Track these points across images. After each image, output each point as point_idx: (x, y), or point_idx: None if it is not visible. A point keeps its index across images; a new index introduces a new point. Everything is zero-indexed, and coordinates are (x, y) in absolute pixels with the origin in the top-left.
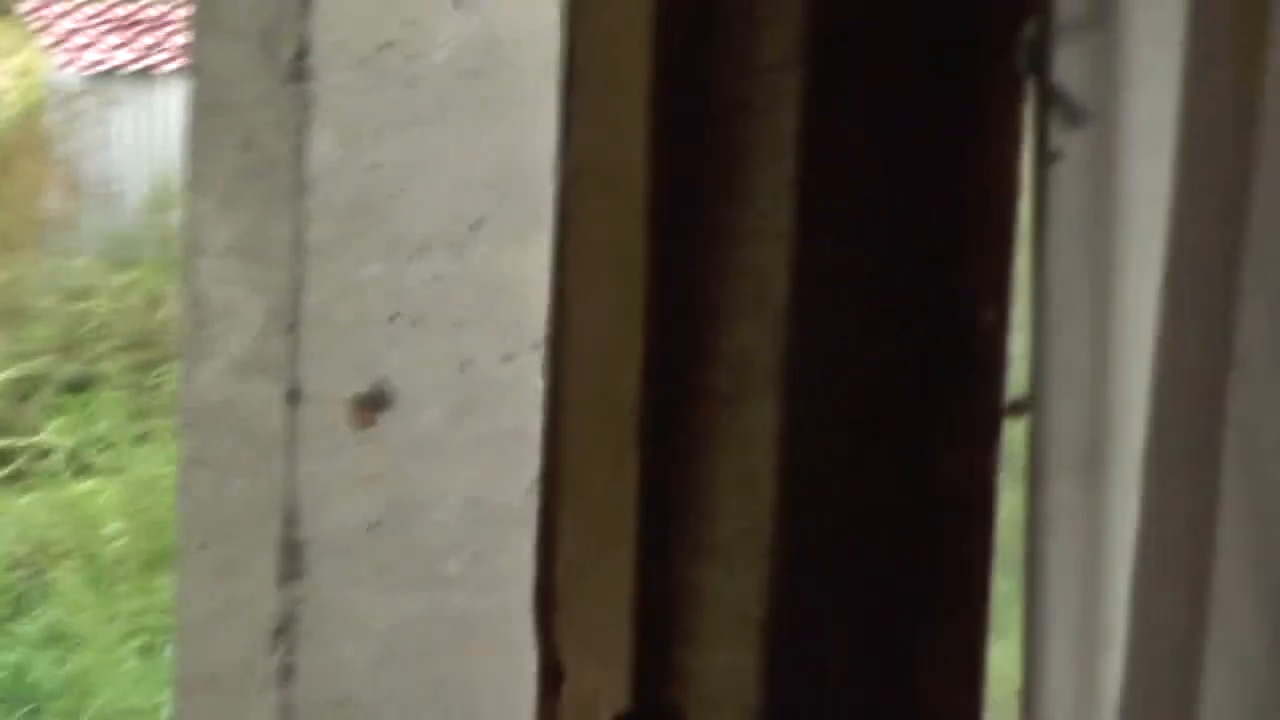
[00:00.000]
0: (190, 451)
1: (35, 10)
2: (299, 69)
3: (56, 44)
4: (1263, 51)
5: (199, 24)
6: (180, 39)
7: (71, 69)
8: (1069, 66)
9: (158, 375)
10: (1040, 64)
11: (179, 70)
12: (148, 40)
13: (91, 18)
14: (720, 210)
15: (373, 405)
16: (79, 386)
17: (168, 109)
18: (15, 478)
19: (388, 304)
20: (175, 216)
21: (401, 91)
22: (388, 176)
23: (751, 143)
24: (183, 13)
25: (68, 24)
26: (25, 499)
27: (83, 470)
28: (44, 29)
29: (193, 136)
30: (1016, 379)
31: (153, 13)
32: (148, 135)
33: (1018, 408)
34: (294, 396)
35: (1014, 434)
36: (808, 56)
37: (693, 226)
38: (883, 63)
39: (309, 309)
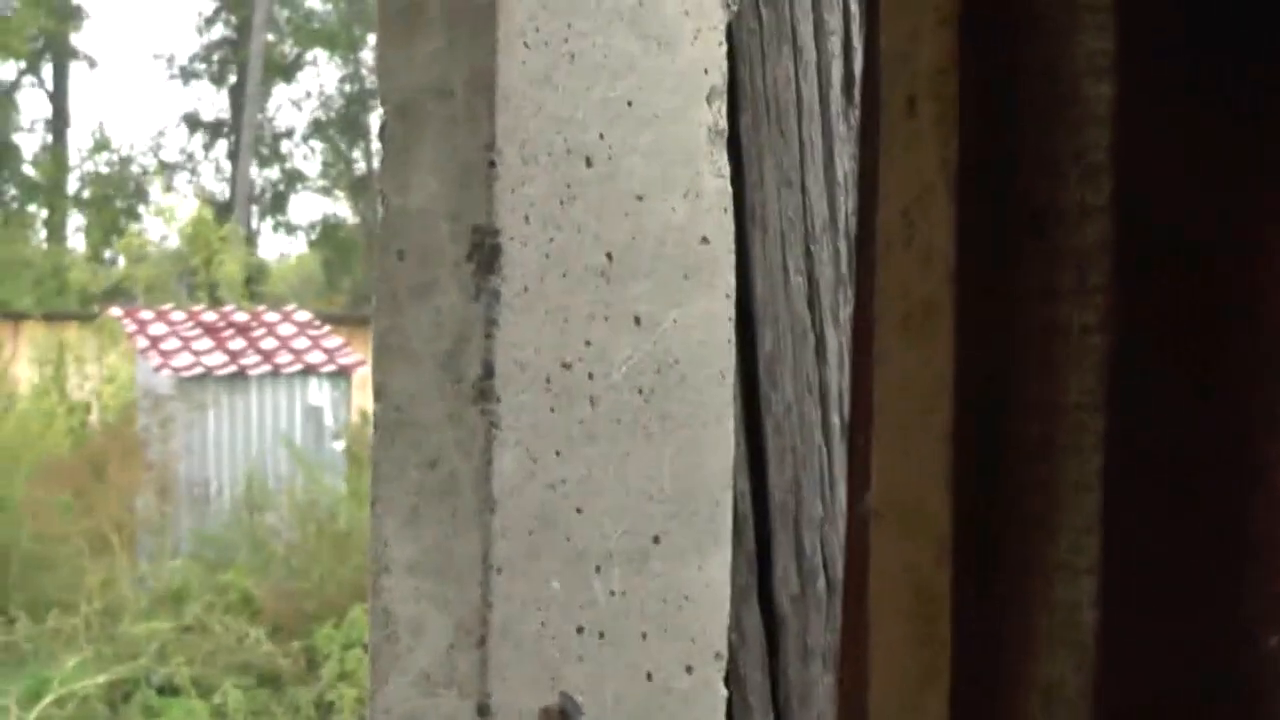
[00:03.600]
0: None
1: (126, 315)
2: (483, 389)
3: (147, 348)
4: None
5: (381, 347)
6: (267, 343)
7: (162, 372)
8: None
9: (261, 677)
10: None
11: (266, 373)
12: (236, 344)
13: (181, 322)
14: (1027, 544)
15: (560, 718)
16: (176, 689)
17: (256, 410)
18: None
19: (572, 618)
20: (267, 518)
21: (582, 410)
22: (569, 493)
23: (1059, 481)
24: (270, 318)
25: (158, 328)
26: None
27: None
28: (135, 333)
29: (378, 457)
30: None
31: (240, 318)
32: (238, 437)
33: None
34: (483, 710)
35: None
36: (1111, 400)
37: (996, 561)
38: (1181, 402)
39: (496, 624)
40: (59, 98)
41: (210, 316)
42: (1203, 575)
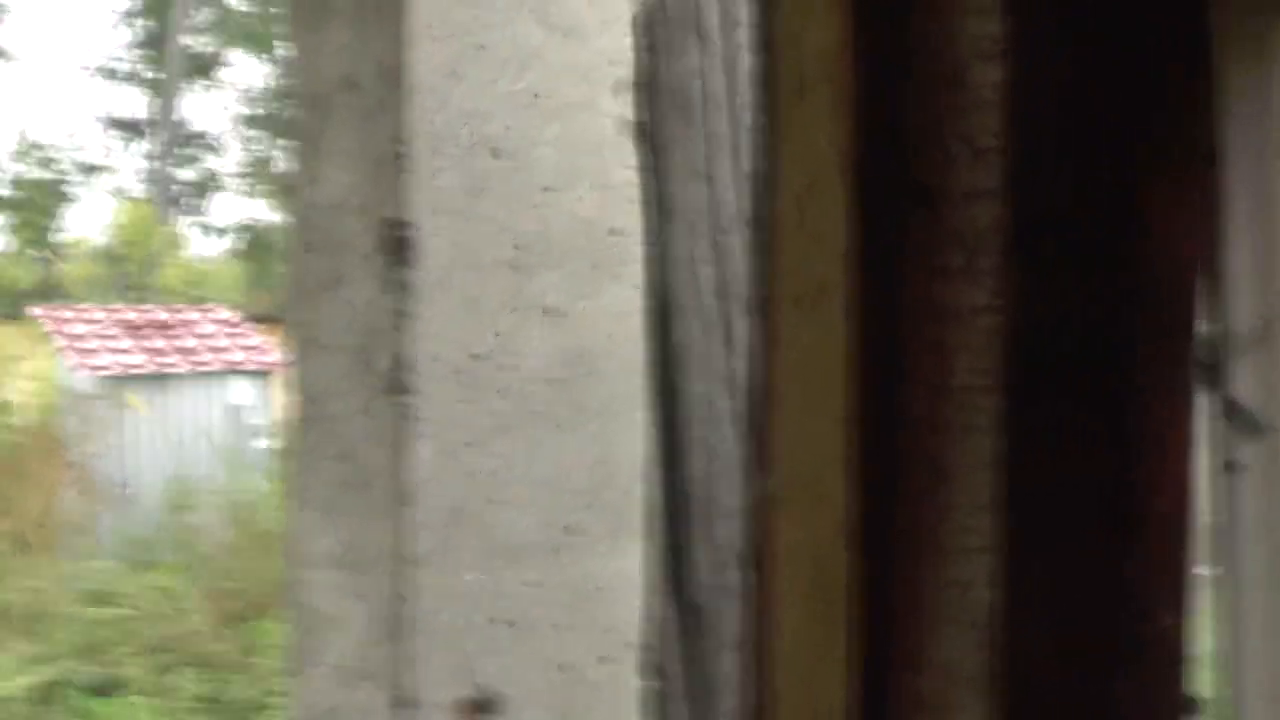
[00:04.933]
0: None
1: (46, 315)
2: (396, 381)
3: (68, 348)
4: None
5: (297, 340)
6: (189, 342)
7: (83, 372)
8: (1242, 380)
9: (186, 677)
10: (1215, 377)
11: (187, 372)
12: (158, 344)
13: (102, 322)
14: (922, 524)
15: (476, 709)
16: (101, 690)
17: (178, 410)
18: None
19: (486, 610)
20: (190, 518)
21: (493, 401)
22: (482, 485)
23: (951, 461)
24: (189, 316)
25: (79, 328)
26: None
27: None
28: (55, 334)
29: (294, 449)
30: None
31: (162, 316)
32: (160, 436)
33: (1194, 704)
34: (400, 702)
35: None
36: (1002, 379)
37: (893, 541)
38: (1071, 380)
39: (411, 617)
40: None
41: (130, 315)
42: (1100, 555)
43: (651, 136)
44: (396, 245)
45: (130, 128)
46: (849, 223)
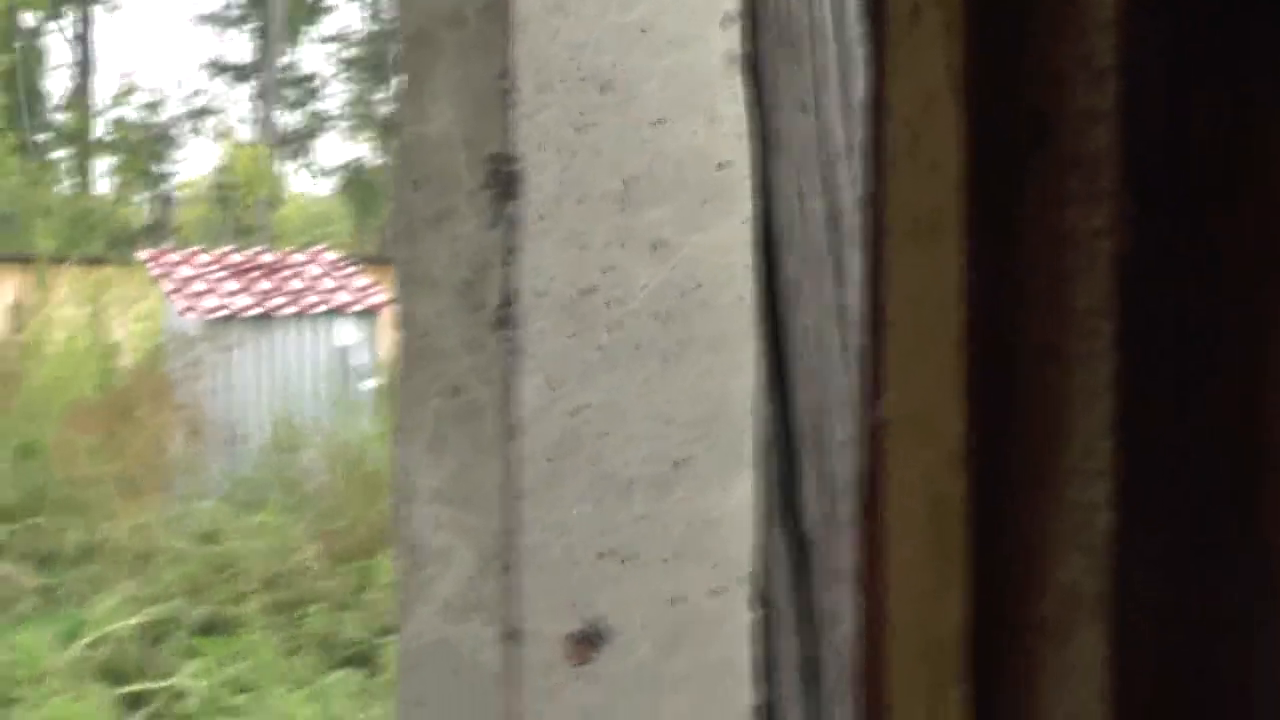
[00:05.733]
0: (409, 692)
1: (153, 258)
2: (504, 316)
3: (175, 291)
4: None
5: (403, 276)
6: (296, 284)
7: (190, 315)
8: None
9: (295, 617)
10: None
11: (293, 314)
12: (264, 285)
13: (208, 264)
14: (1039, 449)
15: (588, 642)
16: (210, 629)
17: (286, 351)
18: None
19: (597, 543)
20: (298, 458)
21: (601, 336)
22: (591, 419)
23: (1069, 386)
24: (296, 258)
25: (185, 271)
26: None
27: (221, 712)
28: (162, 277)
29: (400, 385)
30: None
31: (268, 258)
32: (267, 378)
33: None
34: (510, 636)
35: None
36: (1121, 304)
37: (1010, 466)
38: (1189, 302)
39: (521, 550)
40: (82, 42)
41: (237, 258)
42: (1216, 479)
43: (758, 69)
44: (503, 180)
45: (237, 71)
46: (964, 150)
